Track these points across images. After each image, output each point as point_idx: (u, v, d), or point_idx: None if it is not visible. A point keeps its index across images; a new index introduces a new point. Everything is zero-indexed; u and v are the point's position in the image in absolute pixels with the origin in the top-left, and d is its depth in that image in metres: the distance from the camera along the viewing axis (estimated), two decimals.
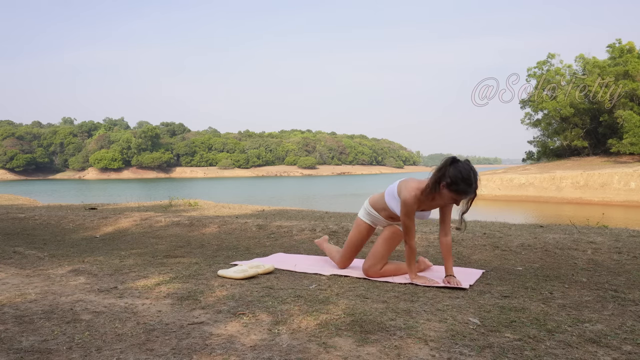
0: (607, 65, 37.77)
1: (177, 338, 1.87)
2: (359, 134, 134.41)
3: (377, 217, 3.07)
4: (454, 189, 2.62)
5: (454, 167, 2.61)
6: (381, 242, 3.00)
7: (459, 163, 2.63)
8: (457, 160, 2.65)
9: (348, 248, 3.18)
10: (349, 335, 1.88)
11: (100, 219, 6.03)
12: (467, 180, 2.58)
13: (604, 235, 4.09)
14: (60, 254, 3.97)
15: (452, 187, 2.62)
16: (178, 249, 4.19)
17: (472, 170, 2.61)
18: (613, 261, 3.33)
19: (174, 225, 5.35)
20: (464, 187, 2.60)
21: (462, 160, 2.66)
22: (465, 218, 2.80)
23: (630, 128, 34.01)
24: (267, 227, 4.92)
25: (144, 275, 2.96)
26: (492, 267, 3.27)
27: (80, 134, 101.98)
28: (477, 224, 5.07)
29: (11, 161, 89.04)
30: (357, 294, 2.52)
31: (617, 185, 26.69)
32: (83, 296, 2.49)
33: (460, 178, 2.58)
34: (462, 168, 2.59)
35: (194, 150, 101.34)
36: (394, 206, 2.90)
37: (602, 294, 2.53)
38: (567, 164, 36.56)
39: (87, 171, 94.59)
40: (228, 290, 2.58)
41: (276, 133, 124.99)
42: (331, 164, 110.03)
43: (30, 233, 5.45)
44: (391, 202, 2.92)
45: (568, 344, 1.79)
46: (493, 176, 32.19)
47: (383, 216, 3.04)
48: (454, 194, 2.64)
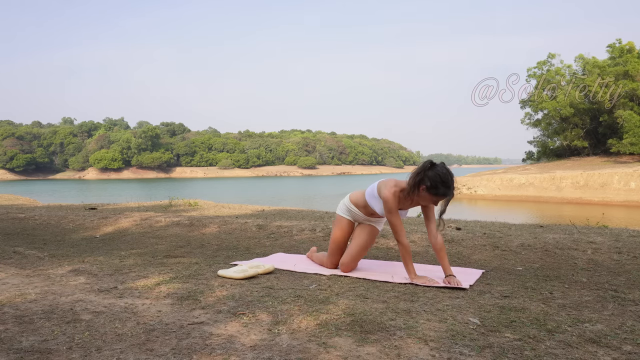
0: (607, 65, 37.78)
1: (177, 338, 1.87)
2: (359, 134, 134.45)
3: (357, 214, 3.20)
4: (433, 192, 2.78)
5: (432, 171, 2.77)
6: (359, 242, 3.15)
7: (437, 166, 2.79)
8: (435, 163, 2.81)
9: (334, 246, 3.26)
10: (349, 335, 1.88)
11: (100, 219, 6.03)
12: (445, 183, 2.74)
13: (604, 235, 4.09)
14: (60, 254, 3.97)
15: (432, 190, 2.78)
16: (178, 249, 4.19)
17: (449, 173, 2.77)
18: (613, 261, 3.33)
19: (174, 225, 5.35)
20: (443, 190, 2.76)
21: (438, 163, 2.82)
22: (444, 218, 2.93)
23: (630, 128, 34.01)
24: (267, 227, 4.92)
25: (144, 275, 2.96)
26: (492, 267, 3.27)
27: (80, 134, 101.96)
28: (477, 224, 5.06)
29: (11, 161, 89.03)
30: (357, 294, 2.52)
31: (617, 185, 26.70)
32: (83, 296, 2.49)
33: (440, 181, 2.74)
34: (440, 171, 2.76)
35: (194, 150, 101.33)
36: (374, 204, 3.04)
37: (602, 294, 2.53)
38: (567, 164, 36.56)
39: (87, 171, 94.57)
40: (228, 290, 2.58)
41: (276, 133, 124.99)
42: (331, 164, 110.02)
43: (30, 233, 5.45)
44: (371, 201, 3.06)
45: (568, 344, 1.79)
46: (493, 176, 32.18)
47: (363, 213, 3.17)
48: (434, 197, 2.80)
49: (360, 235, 3.19)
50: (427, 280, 2.78)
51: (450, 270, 2.83)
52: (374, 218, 3.21)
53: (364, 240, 3.16)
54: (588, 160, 37.01)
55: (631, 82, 35.38)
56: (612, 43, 39.34)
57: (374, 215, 3.17)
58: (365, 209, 3.13)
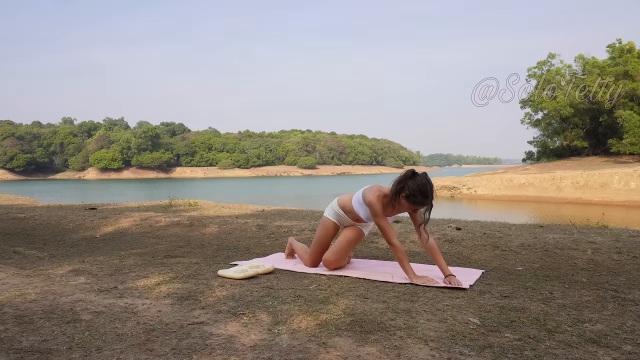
0: (607, 66, 37.77)
1: (177, 338, 1.87)
2: (359, 134, 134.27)
3: (344, 217, 3.28)
4: (411, 200, 2.89)
5: (412, 180, 2.87)
6: (346, 240, 3.22)
7: (418, 176, 2.90)
8: (416, 173, 2.92)
9: (317, 246, 3.31)
10: (349, 335, 1.88)
11: (100, 219, 6.03)
12: (424, 192, 2.85)
13: (604, 235, 4.09)
14: (60, 254, 3.97)
15: (410, 198, 2.88)
16: (178, 249, 4.19)
17: (429, 183, 2.87)
18: (613, 261, 3.33)
19: (174, 225, 5.35)
20: (421, 199, 2.87)
21: (420, 173, 2.93)
22: (426, 229, 3.01)
23: (630, 128, 34.01)
24: (267, 227, 4.92)
25: (144, 275, 2.96)
26: (492, 267, 3.27)
27: (80, 134, 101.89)
28: (477, 224, 5.06)
29: (11, 161, 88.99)
30: (357, 294, 2.52)
31: (617, 185, 26.69)
32: (83, 296, 2.49)
33: (418, 190, 2.85)
34: (420, 181, 2.86)
35: (194, 150, 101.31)
36: (359, 210, 3.15)
37: (602, 294, 2.53)
38: (567, 164, 36.56)
39: (87, 171, 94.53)
40: (228, 290, 2.58)
41: (276, 133, 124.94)
42: (331, 164, 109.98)
43: (30, 233, 5.44)
44: (357, 207, 3.16)
45: (568, 344, 1.79)
46: (493, 176, 32.18)
47: (350, 217, 3.25)
48: (412, 205, 2.91)
49: (345, 233, 3.26)
50: (427, 280, 2.79)
51: (448, 271, 2.84)
52: (359, 223, 3.28)
53: (348, 237, 3.23)
54: (588, 160, 37.02)
55: (631, 82, 35.38)
56: (612, 43, 39.35)
57: (359, 221, 3.25)
58: (352, 214, 3.22)
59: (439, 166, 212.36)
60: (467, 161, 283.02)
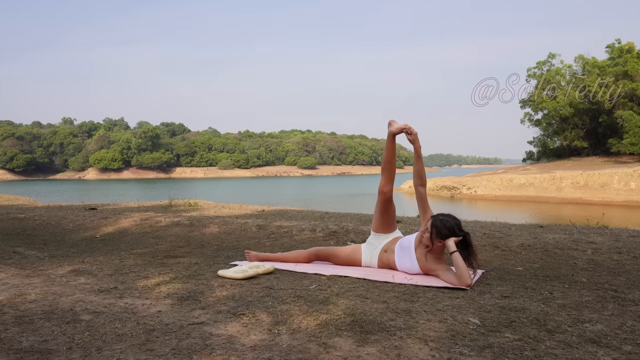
0: (606, 66, 37.79)
1: (177, 338, 1.87)
2: (359, 134, 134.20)
3: (373, 255, 3.21)
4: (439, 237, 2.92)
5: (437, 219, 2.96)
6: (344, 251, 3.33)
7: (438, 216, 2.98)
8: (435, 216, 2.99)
9: (329, 251, 3.37)
10: (349, 336, 1.88)
11: (100, 219, 6.03)
12: (451, 229, 2.91)
13: (604, 236, 4.09)
14: (60, 254, 3.97)
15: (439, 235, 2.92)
16: (178, 249, 4.19)
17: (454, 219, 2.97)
18: (613, 261, 3.33)
19: (174, 226, 5.35)
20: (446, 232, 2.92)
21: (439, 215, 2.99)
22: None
23: (630, 128, 34.03)
24: (267, 227, 4.92)
25: (144, 276, 2.96)
26: (492, 267, 3.27)
27: (80, 134, 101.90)
28: (477, 224, 5.06)
29: (11, 161, 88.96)
30: (357, 294, 2.52)
31: (617, 185, 26.70)
32: (83, 296, 2.49)
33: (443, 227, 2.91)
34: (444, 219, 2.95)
35: (194, 151, 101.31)
36: (402, 256, 3.07)
37: (602, 294, 2.53)
38: (567, 164, 36.58)
39: (87, 171, 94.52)
40: (228, 291, 2.58)
41: (276, 133, 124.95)
42: (331, 164, 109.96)
43: (30, 233, 5.44)
44: (400, 252, 3.09)
45: (568, 344, 1.79)
46: (493, 176, 32.19)
47: (378, 258, 3.19)
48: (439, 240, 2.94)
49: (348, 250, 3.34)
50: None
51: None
52: (381, 269, 3.12)
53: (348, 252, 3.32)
54: (588, 161, 37.03)
55: (631, 82, 35.40)
56: (612, 43, 39.37)
57: (386, 266, 3.14)
58: (387, 253, 3.14)
59: (439, 166, 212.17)
60: (467, 161, 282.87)
